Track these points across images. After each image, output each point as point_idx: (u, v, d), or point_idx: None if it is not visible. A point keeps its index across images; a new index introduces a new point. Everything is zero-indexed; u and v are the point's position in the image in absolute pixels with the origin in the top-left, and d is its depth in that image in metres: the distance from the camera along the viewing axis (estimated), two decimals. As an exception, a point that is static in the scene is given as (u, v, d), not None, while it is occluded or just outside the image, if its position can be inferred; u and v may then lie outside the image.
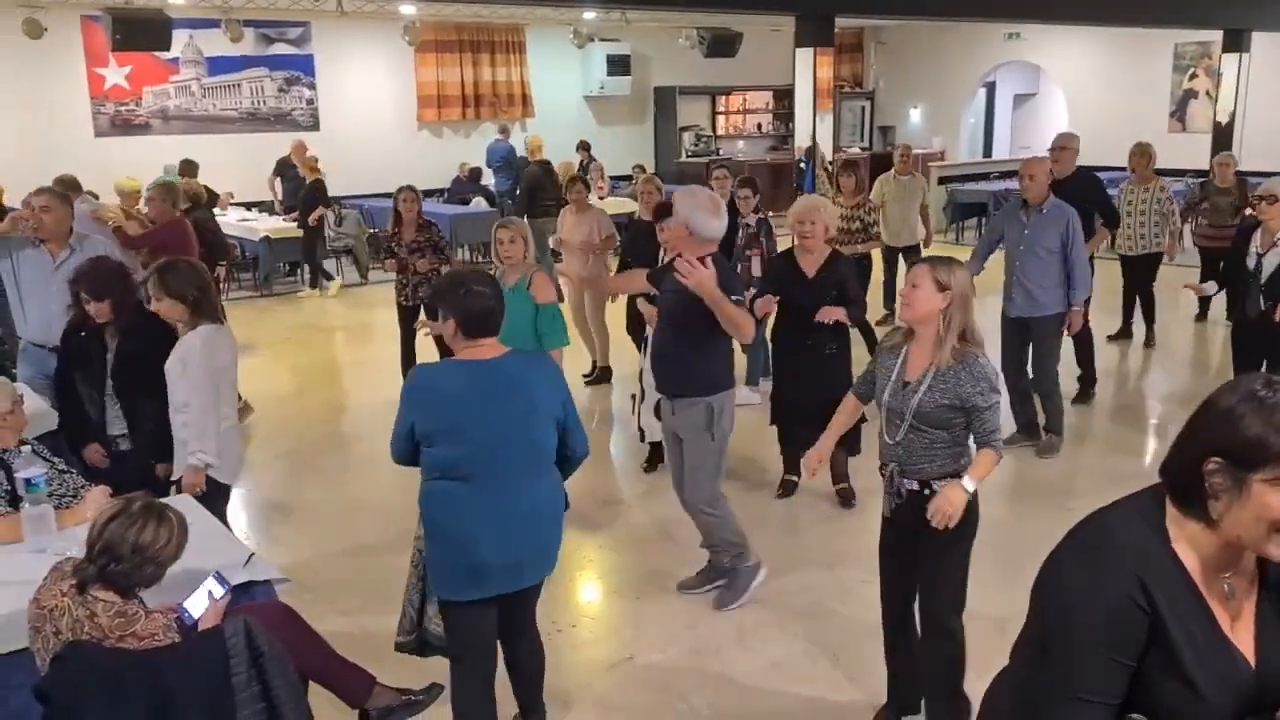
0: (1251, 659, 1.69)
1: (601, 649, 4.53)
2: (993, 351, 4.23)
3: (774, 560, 4.98)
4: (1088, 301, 6.67)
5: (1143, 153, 8.84)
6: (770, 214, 7.97)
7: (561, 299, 5.74)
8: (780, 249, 6.63)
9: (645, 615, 4.77)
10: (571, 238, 8.24)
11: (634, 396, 6.41)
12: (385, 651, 4.19)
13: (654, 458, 6.45)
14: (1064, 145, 7.38)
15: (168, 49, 11.52)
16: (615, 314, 8.30)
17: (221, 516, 4.14)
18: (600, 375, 8.48)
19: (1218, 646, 1.67)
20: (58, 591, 2.83)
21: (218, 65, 14.44)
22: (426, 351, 7.30)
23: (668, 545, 5.38)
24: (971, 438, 3.44)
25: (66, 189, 6.63)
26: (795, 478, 6.01)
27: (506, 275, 5.56)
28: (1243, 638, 1.70)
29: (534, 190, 12.11)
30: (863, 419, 5.83)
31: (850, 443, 5.79)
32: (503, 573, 3.21)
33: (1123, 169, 9.25)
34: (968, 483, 3.33)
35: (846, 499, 5.87)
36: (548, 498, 3.30)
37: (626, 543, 5.52)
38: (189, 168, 11.70)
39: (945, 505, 3.29)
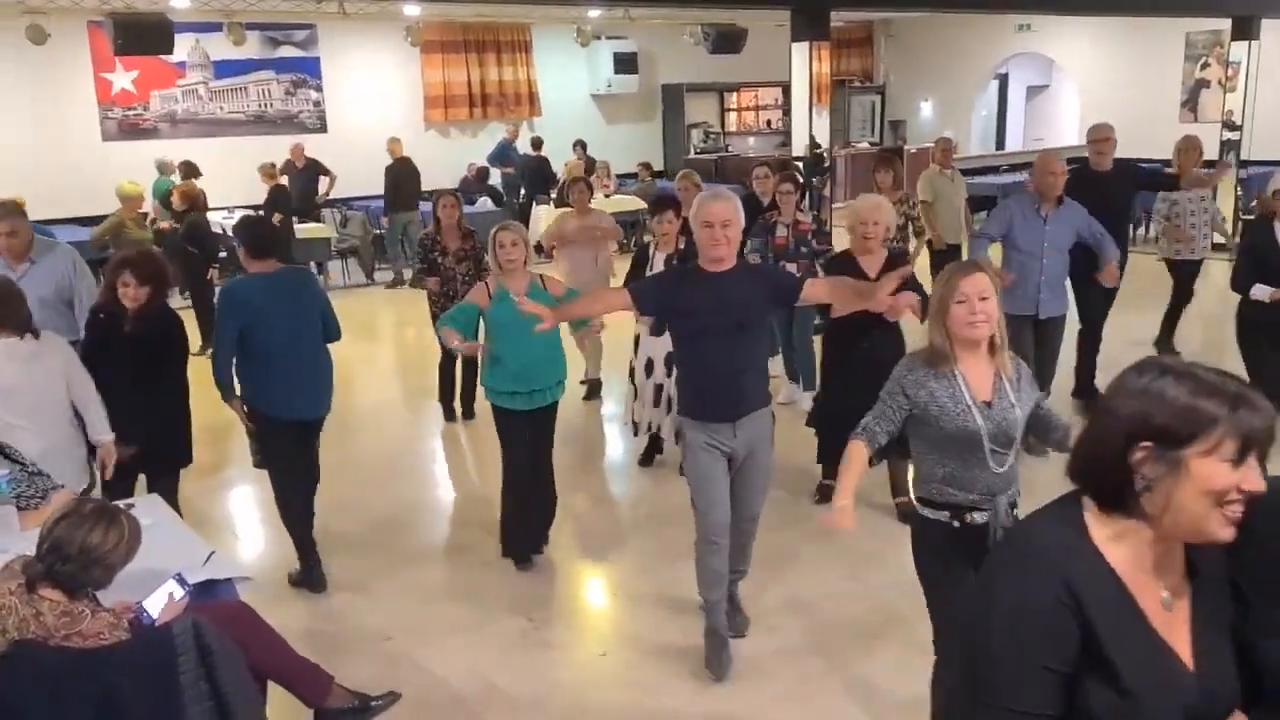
0: (1190, 665, 1.60)
1: (577, 647, 4.50)
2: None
3: (758, 554, 4.95)
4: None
5: (1192, 147, 7.79)
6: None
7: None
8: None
9: (629, 611, 4.75)
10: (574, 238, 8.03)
11: (631, 387, 6.35)
12: (352, 650, 4.21)
13: (651, 450, 6.42)
14: (1106, 136, 6.81)
15: (170, 52, 11.55)
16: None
17: None
18: (590, 389, 7.91)
19: (1156, 653, 1.58)
20: (5, 590, 2.82)
21: (224, 69, 14.49)
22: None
23: (653, 543, 5.36)
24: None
25: (9, 211, 6.03)
26: (832, 481, 5.79)
27: (507, 280, 4.88)
28: (1180, 644, 1.61)
29: (397, 185, 13.14)
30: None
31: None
32: (301, 406, 4.79)
33: (1136, 160, 8.89)
34: None
35: (907, 515, 4.79)
36: (325, 360, 4.94)
37: (619, 537, 5.50)
38: (190, 169, 11.70)
39: None
